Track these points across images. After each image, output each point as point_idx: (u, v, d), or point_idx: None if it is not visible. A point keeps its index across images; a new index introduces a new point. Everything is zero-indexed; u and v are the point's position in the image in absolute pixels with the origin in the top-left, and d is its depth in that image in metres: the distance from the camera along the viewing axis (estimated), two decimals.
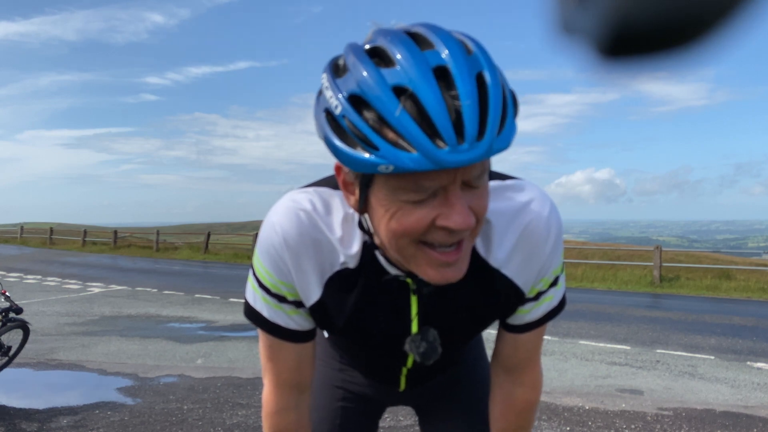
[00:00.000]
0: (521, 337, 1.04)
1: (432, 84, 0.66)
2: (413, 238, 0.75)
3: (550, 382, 4.68)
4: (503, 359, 1.08)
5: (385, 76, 0.67)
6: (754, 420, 3.86)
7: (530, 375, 1.08)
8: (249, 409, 3.96)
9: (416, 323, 0.94)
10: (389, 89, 0.66)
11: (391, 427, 3.62)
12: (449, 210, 0.72)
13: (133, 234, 26.58)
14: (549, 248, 0.92)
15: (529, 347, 1.05)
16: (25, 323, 4.32)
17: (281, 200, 0.92)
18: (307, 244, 0.88)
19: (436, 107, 0.66)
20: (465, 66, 0.67)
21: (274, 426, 1.06)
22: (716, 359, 5.54)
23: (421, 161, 0.66)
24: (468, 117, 0.66)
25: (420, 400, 1.29)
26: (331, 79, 0.71)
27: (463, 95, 0.66)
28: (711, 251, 27.90)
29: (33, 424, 3.69)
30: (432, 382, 1.23)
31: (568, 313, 8.13)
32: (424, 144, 0.66)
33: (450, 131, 0.66)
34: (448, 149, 0.66)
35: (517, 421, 1.11)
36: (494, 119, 0.67)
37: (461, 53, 0.68)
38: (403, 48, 0.68)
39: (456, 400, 1.27)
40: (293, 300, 0.94)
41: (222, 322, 7.33)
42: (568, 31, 0.25)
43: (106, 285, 11.19)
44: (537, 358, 1.09)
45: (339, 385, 1.27)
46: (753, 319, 8.02)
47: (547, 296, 0.99)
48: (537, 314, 1.01)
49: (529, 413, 1.11)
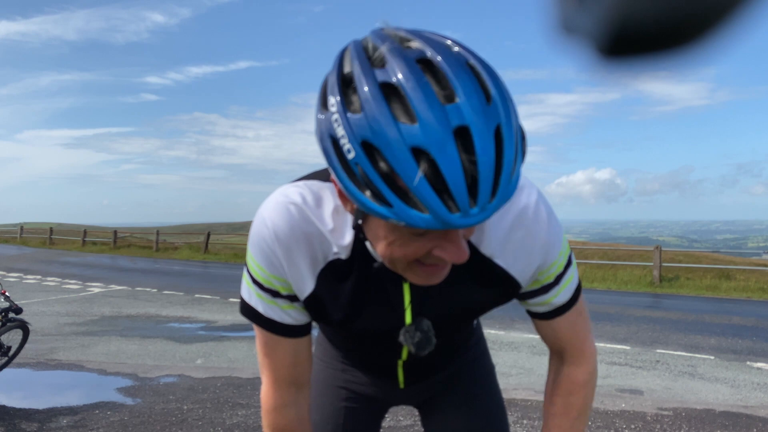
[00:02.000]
0: (557, 322, 1.04)
1: (452, 148, 0.63)
2: (408, 262, 0.77)
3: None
4: (549, 345, 1.09)
5: (404, 134, 0.63)
6: (753, 420, 3.86)
7: (576, 353, 1.06)
8: (249, 409, 3.96)
9: (410, 313, 0.95)
10: (408, 150, 0.64)
11: (391, 427, 3.62)
12: (448, 244, 0.74)
13: (133, 234, 26.57)
14: (542, 234, 0.92)
15: (570, 328, 1.05)
16: (24, 323, 4.31)
17: (272, 195, 0.93)
18: (299, 237, 0.89)
19: (453, 173, 0.64)
20: (484, 125, 0.64)
21: (273, 423, 1.06)
22: (716, 359, 5.54)
23: (432, 222, 0.66)
24: (483, 184, 0.65)
25: (422, 398, 1.29)
26: (341, 110, 0.67)
27: (481, 162, 0.64)
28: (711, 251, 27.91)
29: (33, 424, 3.69)
30: (432, 379, 1.23)
31: None
32: (438, 209, 0.65)
33: (464, 197, 0.65)
34: (460, 214, 0.66)
35: (564, 404, 1.07)
36: (507, 176, 0.67)
37: (482, 106, 0.65)
38: (424, 100, 0.63)
39: (456, 396, 1.27)
40: (287, 294, 0.95)
41: (222, 322, 7.33)
42: (568, 31, 0.25)
43: (105, 285, 11.19)
44: (582, 335, 1.06)
45: (342, 386, 1.28)
46: (753, 319, 8.02)
47: (568, 277, 1.00)
48: (564, 297, 1.01)
49: (575, 394, 1.07)
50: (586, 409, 1.08)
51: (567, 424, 1.06)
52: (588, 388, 1.07)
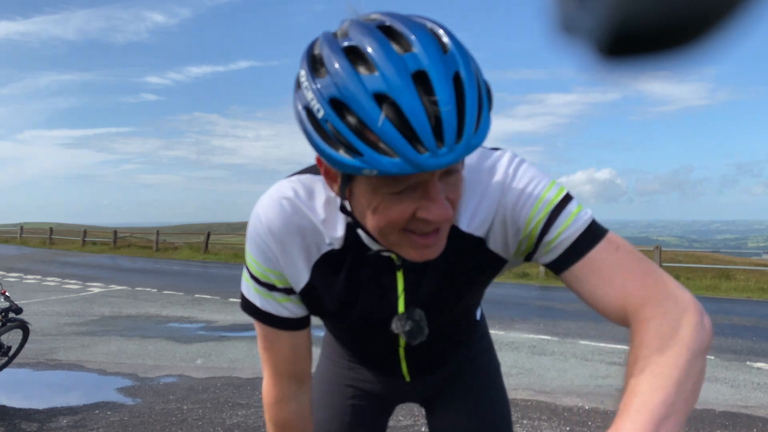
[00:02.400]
0: (593, 264, 0.81)
1: (412, 91, 0.68)
2: (396, 228, 0.78)
3: (550, 381, 4.69)
4: (611, 310, 0.81)
5: (365, 83, 0.68)
6: (753, 420, 3.86)
7: (659, 301, 0.76)
8: (249, 409, 3.96)
9: (403, 301, 0.96)
10: (370, 97, 0.68)
11: (391, 427, 3.63)
12: (429, 203, 0.75)
13: (133, 234, 26.57)
14: (502, 173, 0.87)
15: (619, 266, 0.80)
16: (24, 323, 4.32)
17: (267, 191, 0.96)
18: (292, 231, 0.92)
19: (416, 114, 0.67)
20: (443, 69, 0.69)
21: (274, 416, 1.08)
22: (716, 359, 5.54)
23: (402, 166, 0.69)
24: (447, 123, 0.68)
25: (427, 395, 1.30)
26: (310, 78, 0.72)
27: (442, 101, 0.68)
28: (711, 251, 27.89)
29: (33, 424, 3.69)
30: (438, 374, 1.23)
31: (568, 312, 8.13)
32: (406, 150, 0.68)
33: (430, 137, 0.68)
34: (428, 154, 0.68)
35: (657, 359, 0.72)
36: (471, 119, 0.70)
37: (438, 54, 0.69)
38: (381, 52, 0.69)
39: (461, 393, 1.27)
40: (283, 287, 0.97)
41: (222, 322, 7.33)
42: (568, 31, 0.25)
43: (105, 285, 11.19)
44: (654, 277, 0.79)
45: (348, 384, 1.29)
46: (753, 319, 8.02)
47: (570, 211, 0.85)
48: (576, 229, 0.83)
49: (674, 350, 0.72)
50: (692, 373, 0.70)
51: (669, 397, 0.68)
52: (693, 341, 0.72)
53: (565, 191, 0.87)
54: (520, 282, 12.75)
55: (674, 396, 0.67)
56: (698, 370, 0.71)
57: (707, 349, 0.74)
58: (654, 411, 0.65)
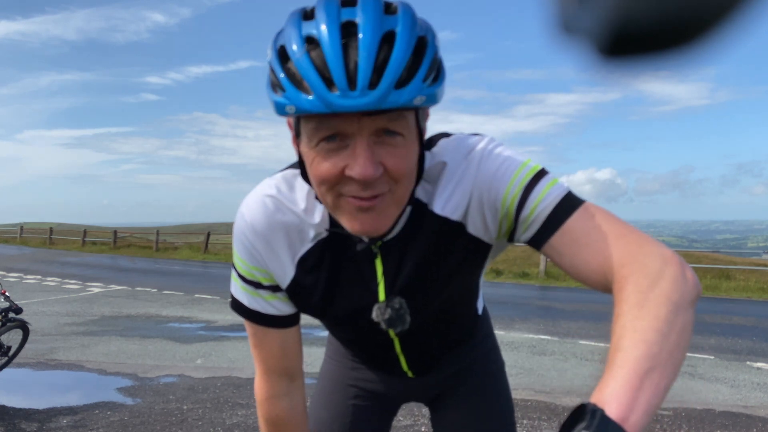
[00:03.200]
0: (570, 232, 0.80)
1: (334, 36, 0.72)
2: (329, 186, 0.79)
3: (550, 381, 4.69)
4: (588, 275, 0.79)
5: (301, 27, 0.75)
6: (753, 420, 3.86)
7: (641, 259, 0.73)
8: (249, 409, 3.96)
9: (383, 290, 0.96)
10: (302, 39, 0.74)
11: (391, 427, 3.62)
12: (354, 160, 0.76)
13: (133, 234, 26.57)
14: (478, 155, 0.87)
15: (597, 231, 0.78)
16: (24, 323, 4.32)
17: (252, 190, 0.97)
18: (276, 228, 0.93)
19: (333, 56, 0.72)
20: (372, 21, 0.73)
21: (266, 413, 1.09)
22: (716, 359, 5.54)
23: (315, 104, 0.72)
24: (362, 66, 0.71)
25: (431, 394, 1.29)
26: (273, 40, 0.79)
27: (362, 48, 0.72)
28: (711, 251, 27.89)
29: (33, 424, 3.69)
30: (441, 373, 1.23)
31: (568, 312, 8.14)
32: (319, 88, 0.72)
33: (342, 78, 0.71)
34: (338, 94, 0.71)
35: (647, 295, 0.69)
36: (393, 71, 0.72)
37: (374, 11, 0.74)
38: (325, 5, 0.75)
39: (465, 392, 1.27)
40: (269, 285, 0.98)
41: (222, 322, 7.33)
42: (568, 31, 0.25)
43: (105, 285, 11.18)
44: (634, 237, 0.77)
45: (351, 384, 1.29)
46: (753, 319, 8.02)
47: (545, 183, 0.84)
48: (552, 200, 0.82)
49: (663, 285, 0.69)
50: (676, 324, 0.67)
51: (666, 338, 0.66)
52: (674, 292, 0.69)
53: (540, 167, 0.85)
54: (520, 282, 12.75)
55: (657, 347, 0.64)
56: (683, 321, 0.67)
57: (693, 302, 0.71)
58: (637, 364, 0.63)
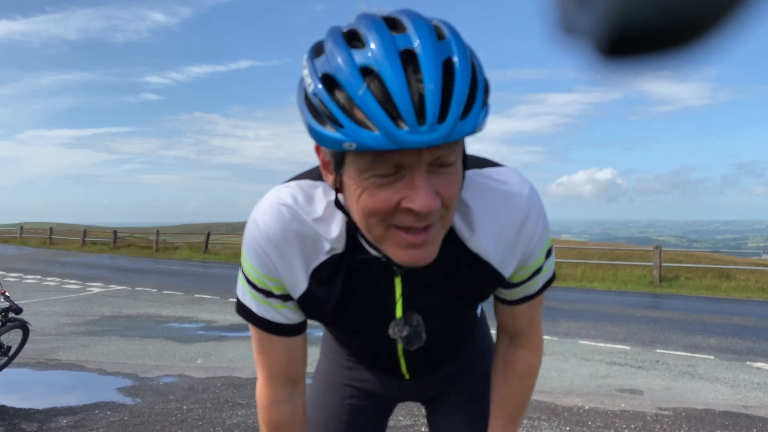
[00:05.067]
0: (519, 308, 1.06)
1: (396, 66, 0.68)
2: (380, 218, 0.76)
3: (550, 381, 4.69)
4: (504, 326, 1.11)
5: (354, 57, 0.70)
6: (753, 420, 3.86)
7: (530, 338, 1.10)
8: (249, 409, 3.96)
9: (400, 307, 0.95)
10: (356, 69, 0.69)
11: (391, 427, 3.62)
12: (414, 193, 0.73)
13: (133, 234, 26.56)
14: (533, 229, 0.93)
15: (529, 315, 1.07)
16: (24, 323, 4.31)
17: (264, 197, 0.94)
18: (291, 238, 0.90)
19: (398, 89, 0.68)
20: (432, 51, 0.69)
21: (267, 419, 1.08)
22: (716, 359, 5.54)
23: (381, 140, 0.68)
24: (430, 100, 0.68)
25: (428, 394, 1.30)
26: (309, 60, 0.74)
27: (427, 79, 0.68)
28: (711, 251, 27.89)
29: (33, 424, 3.69)
30: (439, 373, 1.23)
31: (568, 312, 8.13)
32: (385, 124, 0.68)
33: (411, 113, 0.68)
34: (408, 130, 0.68)
35: (519, 385, 1.11)
36: (458, 103, 0.69)
37: (431, 38, 0.70)
38: (374, 31, 0.70)
39: (462, 391, 1.27)
40: (280, 294, 0.96)
41: (222, 322, 7.33)
42: (568, 31, 0.25)
43: (105, 285, 11.18)
44: (537, 322, 1.10)
45: (347, 383, 1.28)
46: (753, 319, 8.02)
47: (545, 268, 1.01)
48: (534, 289, 1.03)
49: (529, 377, 1.12)
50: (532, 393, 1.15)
51: (522, 402, 1.13)
52: (537, 373, 1.13)
53: (550, 245, 1.00)
54: None
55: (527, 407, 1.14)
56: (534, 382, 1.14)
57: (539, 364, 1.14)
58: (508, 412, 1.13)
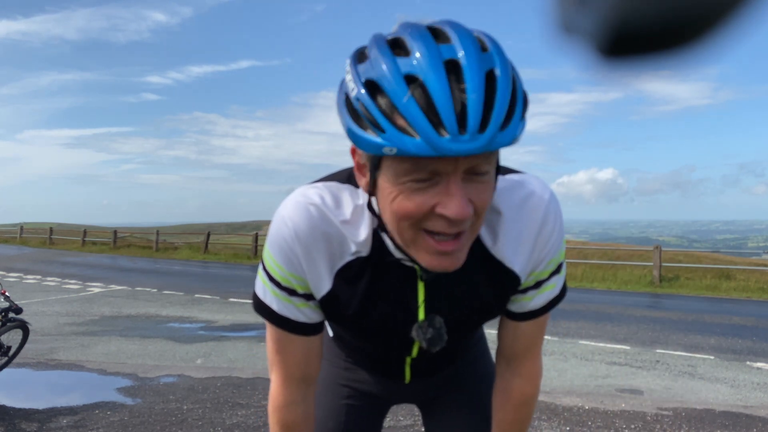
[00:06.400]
0: (522, 326, 1.05)
1: (441, 75, 0.69)
2: (413, 222, 0.77)
3: (550, 381, 4.68)
4: (504, 348, 1.10)
5: (399, 64, 0.71)
6: (753, 420, 3.86)
7: (528, 367, 1.09)
8: (249, 409, 3.96)
9: (423, 310, 0.96)
10: (401, 77, 0.71)
11: (391, 427, 3.62)
12: (448, 199, 0.74)
13: (133, 234, 26.56)
14: (549, 235, 0.94)
15: (529, 337, 1.06)
16: (24, 323, 4.31)
17: (291, 196, 0.95)
18: (318, 237, 0.91)
19: (442, 97, 0.69)
20: (476, 62, 0.70)
21: (281, 420, 1.06)
22: (716, 359, 5.54)
23: (422, 147, 0.70)
24: (472, 109, 0.69)
25: (425, 396, 1.30)
26: (353, 66, 0.76)
27: (470, 89, 0.69)
28: (711, 251, 27.90)
29: (33, 424, 3.68)
30: (436, 376, 1.24)
31: (568, 313, 8.13)
32: (427, 131, 0.69)
33: (453, 121, 0.69)
34: (449, 138, 0.69)
35: (515, 413, 1.11)
36: (499, 114, 0.70)
37: (475, 49, 0.71)
38: (419, 40, 0.72)
39: (458, 394, 1.28)
40: (303, 293, 0.96)
41: (222, 322, 7.33)
42: (569, 31, 0.25)
43: (105, 285, 11.18)
44: (537, 350, 1.09)
45: (344, 383, 1.28)
46: (753, 319, 8.02)
47: (550, 284, 1.00)
48: (539, 302, 1.01)
49: (525, 407, 1.11)
50: (530, 420, 1.16)
51: (520, 429, 1.13)
52: (534, 403, 1.13)
53: (562, 259, 1.00)
54: None
55: None
56: (532, 410, 1.14)
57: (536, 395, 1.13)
58: None
